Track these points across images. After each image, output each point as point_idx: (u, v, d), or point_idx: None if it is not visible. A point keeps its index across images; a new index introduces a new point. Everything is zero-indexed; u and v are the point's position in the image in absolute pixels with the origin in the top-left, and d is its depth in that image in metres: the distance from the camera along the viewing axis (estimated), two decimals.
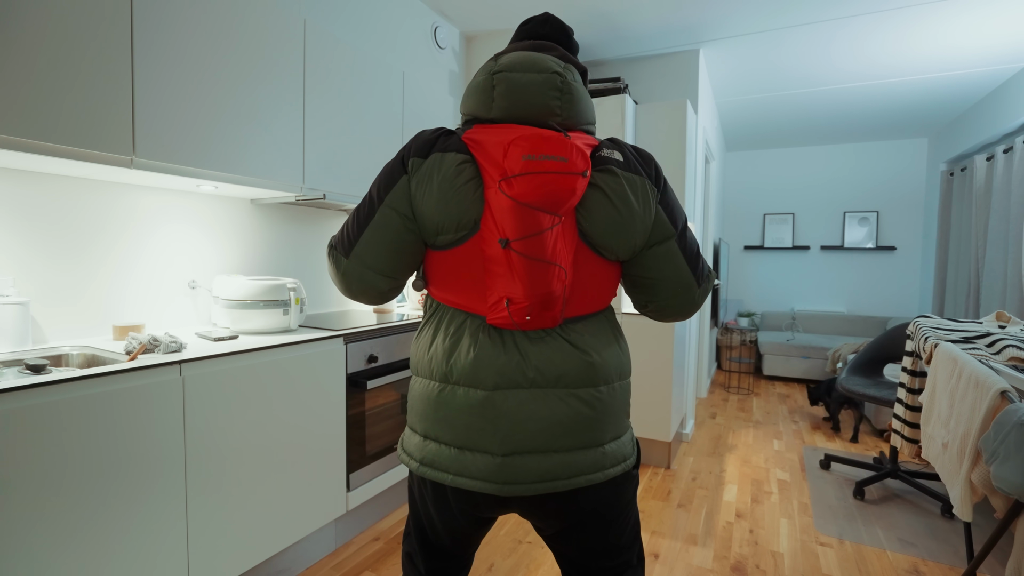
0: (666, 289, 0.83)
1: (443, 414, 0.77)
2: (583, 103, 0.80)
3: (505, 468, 0.74)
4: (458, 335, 0.78)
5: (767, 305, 5.71)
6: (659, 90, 3.33)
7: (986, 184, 3.77)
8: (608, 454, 0.79)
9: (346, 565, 1.78)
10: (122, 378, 1.17)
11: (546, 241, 0.71)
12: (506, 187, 0.70)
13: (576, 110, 0.79)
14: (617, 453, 0.80)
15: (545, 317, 0.74)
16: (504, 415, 0.74)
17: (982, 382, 1.40)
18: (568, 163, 0.70)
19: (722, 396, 4.31)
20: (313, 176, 1.89)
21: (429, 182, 0.75)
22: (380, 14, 2.51)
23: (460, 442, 0.76)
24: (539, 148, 0.69)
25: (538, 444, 0.74)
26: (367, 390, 1.87)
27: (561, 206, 0.71)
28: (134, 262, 1.66)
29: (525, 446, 0.74)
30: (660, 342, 2.67)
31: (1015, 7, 2.60)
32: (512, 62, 0.77)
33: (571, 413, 0.75)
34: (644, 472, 2.66)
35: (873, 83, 3.68)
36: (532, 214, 0.70)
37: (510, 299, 0.73)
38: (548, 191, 0.69)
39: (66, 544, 1.08)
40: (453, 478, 0.76)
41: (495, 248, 0.73)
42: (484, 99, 0.78)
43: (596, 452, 0.77)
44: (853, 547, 1.97)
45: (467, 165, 0.74)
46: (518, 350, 0.75)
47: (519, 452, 0.74)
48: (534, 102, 0.75)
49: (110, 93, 1.29)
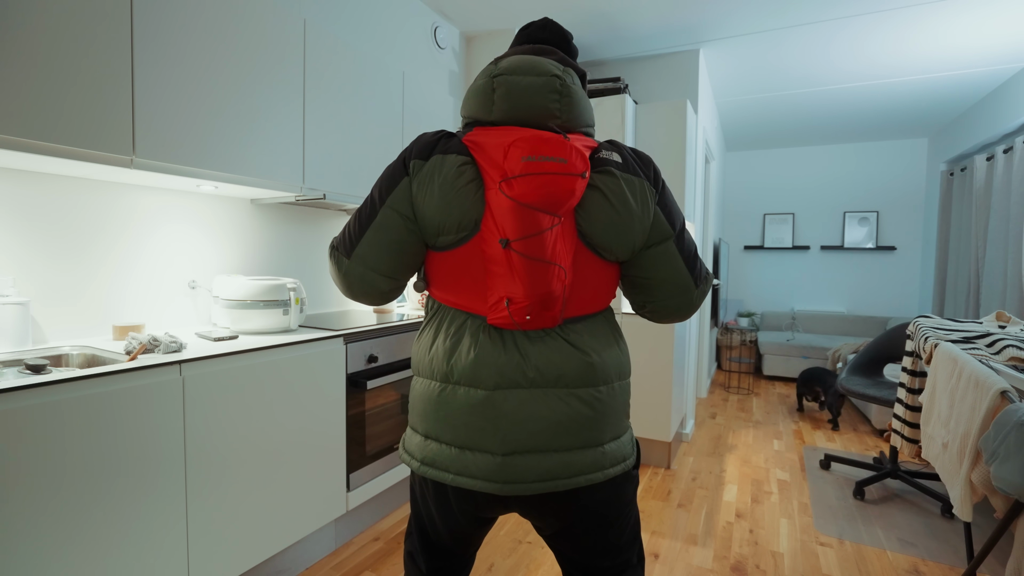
0: (664, 290, 0.83)
1: (444, 414, 0.78)
2: (582, 106, 0.81)
3: (505, 468, 0.74)
4: (459, 335, 0.78)
5: (767, 305, 5.71)
6: (659, 90, 3.33)
7: (986, 184, 3.77)
8: (608, 454, 0.79)
9: (346, 565, 1.78)
10: (122, 378, 1.17)
11: (546, 241, 0.72)
12: (506, 188, 0.71)
13: (575, 112, 0.79)
14: (617, 453, 0.81)
15: (545, 317, 0.75)
16: (504, 415, 0.74)
17: (982, 382, 1.40)
18: (567, 164, 0.71)
19: (722, 396, 4.31)
20: (313, 176, 1.89)
21: (430, 184, 0.76)
22: (380, 14, 2.51)
23: (461, 442, 0.77)
24: (539, 150, 0.70)
25: (538, 444, 0.75)
26: (367, 390, 1.87)
27: (560, 206, 0.72)
28: (134, 262, 1.66)
29: (525, 446, 0.74)
30: (660, 342, 2.68)
31: (1015, 7, 2.60)
32: (512, 65, 0.78)
33: (571, 413, 0.75)
34: (644, 472, 2.66)
35: (873, 83, 3.68)
36: (532, 214, 0.71)
37: (510, 299, 0.73)
38: (548, 192, 0.70)
39: (66, 544, 1.08)
40: (454, 477, 0.77)
41: (495, 248, 0.74)
42: (485, 102, 0.79)
43: (596, 452, 0.78)
44: (853, 547, 1.97)
45: (468, 167, 0.75)
46: (518, 350, 0.76)
47: (519, 452, 0.74)
48: (534, 105, 0.76)
49: (110, 93, 1.29)
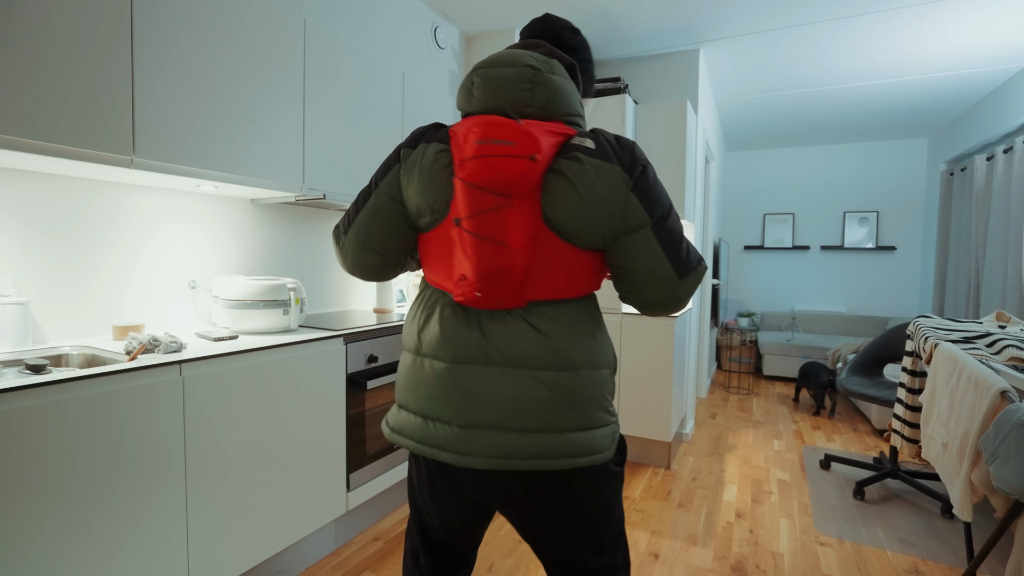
0: (643, 280, 0.80)
1: (413, 384, 0.83)
2: (560, 94, 0.81)
3: (462, 439, 0.77)
4: (431, 310, 0.84)
5: (767, 305, 5.71)
6: (659, 90, 3.33)
7: (986, 184, 3.77)
8: (573, 442, 0.77)
9: (346, 565, 1.78)
10: (122, 378, 1.17)
11: (492, 220, 0.75)
12: (459, 169, 0.76)
13: (552, 101, 0.81)
14: (585, 444, 0.78)
15: (498, 295, 0.76)
16: (461, 387, 0.78)
17: (982, 382, 1.40)
18: (514, 147, 0.73)
19: (722, 396, 4.31)
20: (313, 176, 1.89)
21: (414, 169, 0.83)
22: (380, 14, 2.51)
23: (424, 411, 0.81)
24: (489, 133, 0.75)
25: (492, 420, 0.76)
26: (367, 390, 1.87)
27: (508, 187, 0.74)
28: (134, 262, 1.66)
29: (480, 420, 0.77)
30: (660, 342, 2.67)
31: (1015, 7, 2.61)
32: (491, 59, 0.83)
33: (528, 393, 0.76)
34: (644, 472, 2.66)
35: (873, 83, 3.68)
36: (479, 194, 0.75)
37: (463, 276, 0.78)
38: (493, 173, 0.74)
39: (66, 543, 1.08)
40: (416, 445, 0.81)
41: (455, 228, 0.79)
42: (466, 94, 0.85)
43: (558, 437, 0.76)
44: (853, 547, 1.97)
45: (443, 154, 0.80)
46: (480, 327, 0.79)
47: (474, 425, 0.77)
48: (507, 94, 0.80)
49: (110, 93, 1.29)
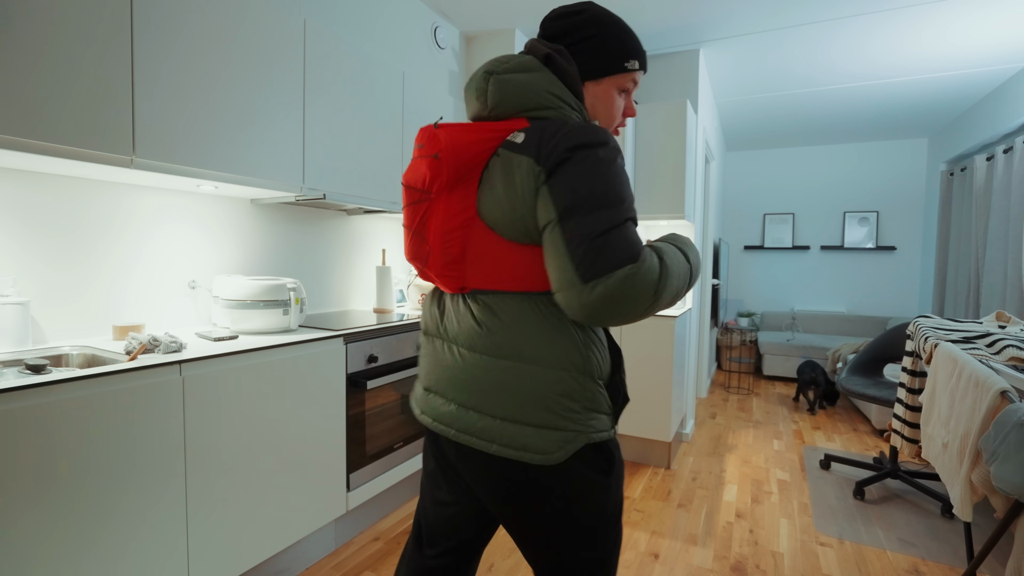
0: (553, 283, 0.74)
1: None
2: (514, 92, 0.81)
3: (424, 400, 0.88)
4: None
5: (767, 305, 5.71)
6: (659, 90, 3.33)
7: (986, 184, 3.77)
8: (500, 431, 0.76)
9: (346, 565, 1.78)
10: (122, 378, 1.17)
11: (412, 212, 0.86)
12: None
13: (504, 101, 0.82)
14: (515, 438, 0.76)
15: (428, 277, 0.87)
16: (426, 355, 0.89)
17: (982, 382, 1.40)
18: (424, 148, 0.83)
19: (722, 396, 4.31)
20: (313, 176, 1.89)
21: None
22: (380, 14, 2.51)
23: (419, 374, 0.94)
24: (417, 139, 0.86)
25: (439, 388, 0.85)
26: (367, 390, 1.87)
27: (424, 183, 0.82)
28: (134, 262, 1.66)
29: (432, 386, 0.87)
30: (660, 342, 2.67)
31: (1015, 7, 2.60)
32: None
33: (465, 369, 0.81)
34: (644, 472, 2.66)
35: (873, 83, 3.68)
36: (406, 190, 0.87)
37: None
38: (411, 172, 0.86)
39: (65, 543, 1.08)
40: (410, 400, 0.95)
41: None
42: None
43: (488, 420, 0.78)
44: (853, 547, 1.97)
45: None
46: (439, 305, 0.89)
47: (430, 391, 0.87)
48: (473, 103, 0.87)
49: (110, 93, 1.29)
